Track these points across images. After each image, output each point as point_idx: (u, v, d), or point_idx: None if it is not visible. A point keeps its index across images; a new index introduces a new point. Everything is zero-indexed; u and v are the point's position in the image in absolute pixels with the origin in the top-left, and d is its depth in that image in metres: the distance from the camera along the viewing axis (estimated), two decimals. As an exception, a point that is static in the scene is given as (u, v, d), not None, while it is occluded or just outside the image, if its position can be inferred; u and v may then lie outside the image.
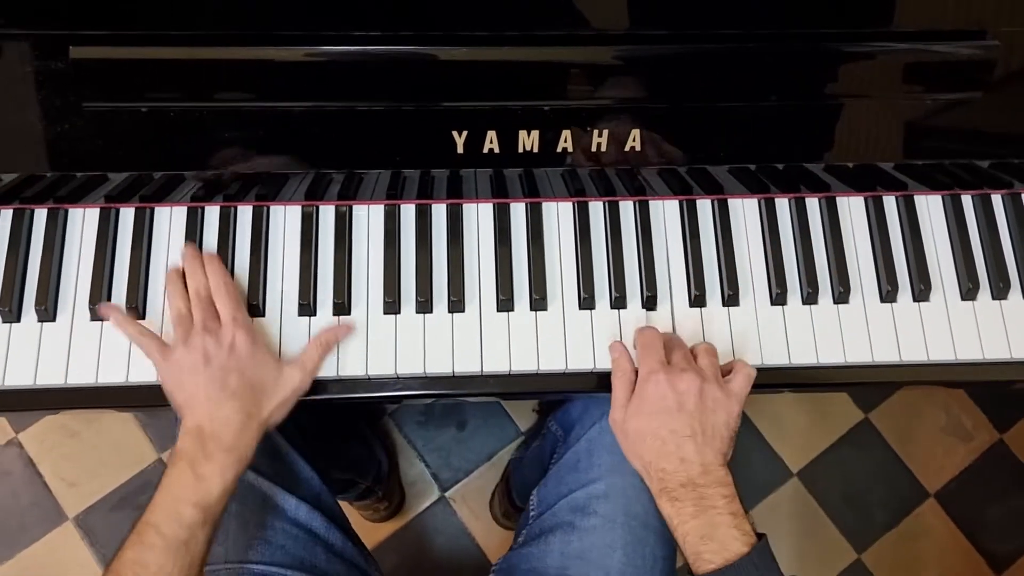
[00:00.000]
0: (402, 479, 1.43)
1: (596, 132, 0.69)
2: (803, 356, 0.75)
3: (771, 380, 0.76)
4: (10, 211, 0.74)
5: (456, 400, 0.79)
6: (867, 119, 0.74)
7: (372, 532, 1.38)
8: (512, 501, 1.30)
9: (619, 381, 0.71)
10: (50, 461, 1.43)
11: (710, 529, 0.63)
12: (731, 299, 0.76)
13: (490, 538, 1.41)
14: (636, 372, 0.71)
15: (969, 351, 0.75)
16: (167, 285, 0.73)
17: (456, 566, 1.40)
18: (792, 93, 0.71)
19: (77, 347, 0.72)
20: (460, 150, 0.70)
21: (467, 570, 1.40)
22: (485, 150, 0.70)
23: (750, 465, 1.47)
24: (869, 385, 0.78)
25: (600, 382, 0.75)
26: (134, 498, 1.41)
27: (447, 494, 1.43)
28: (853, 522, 1.46)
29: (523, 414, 1.46)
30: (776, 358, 0.75)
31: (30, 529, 1.40)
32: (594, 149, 0.70)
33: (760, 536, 0.64)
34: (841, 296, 0.76)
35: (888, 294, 0.76)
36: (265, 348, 0.70)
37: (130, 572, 0.61)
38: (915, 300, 0.77)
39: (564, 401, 0.97)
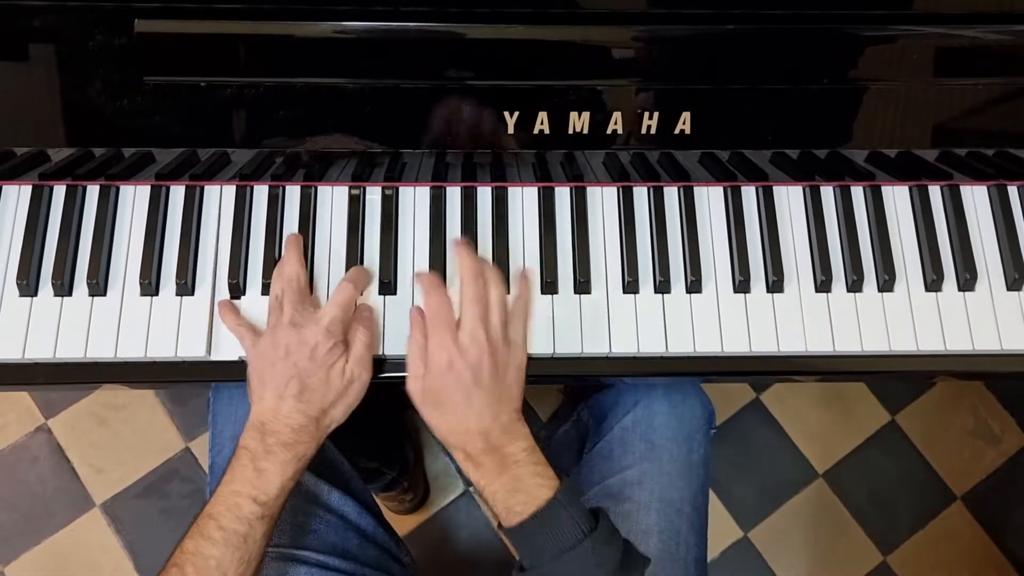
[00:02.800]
0: (427, 472, 1.43)
1: (647, 114, 0.70)
2: (847, 344, 0.75)
3: (814, 368, 0.76)
4: (63, 187, 0.75)
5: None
6: (910, 105, 0.73)
7: (396, 524, 1.38)
8: None
9: (410, 351, 0.68)
10: (78, 448, 1.44)
11: (516, 483, 0.64)
12: (775, 285, 0.76)
13: (514, 532, 1.41)
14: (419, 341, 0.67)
15: (1017, 341, 0.74)
16: (276, 269, 0.72)
17: (479, 560, 1.40)
18: (841, 76, 0.71)
19: (127, 321, 0.72)
20: (510, 131, 0.70)
21: (490, 564, 1.40)
22: (536, 131, 0.70)
23: (776, 465, 1.47)
24: (911, 374, 0.78)
25: (642, 367, 0.75)
26: (161, 486, 1.42)
27: (471, 488, 1.43)
28: (879, 524, 1.45)
29: (545, 406, 1.46)
30: (820, 346, 0.74)
31: (57, 515, 1.41)
32: (643, 132, 0.71)
33: (563, 478, 0.65)
34: (886, 284, 0.76)
35: (933, 283, 0.76)
36: (341, 355, 0.68)
37: (190, 565, 0.62)
38: (960, 290, 0.76)
39: (594, 390, 0.97)
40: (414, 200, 0.78)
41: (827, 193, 0.79)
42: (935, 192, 0.80)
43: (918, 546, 1.44)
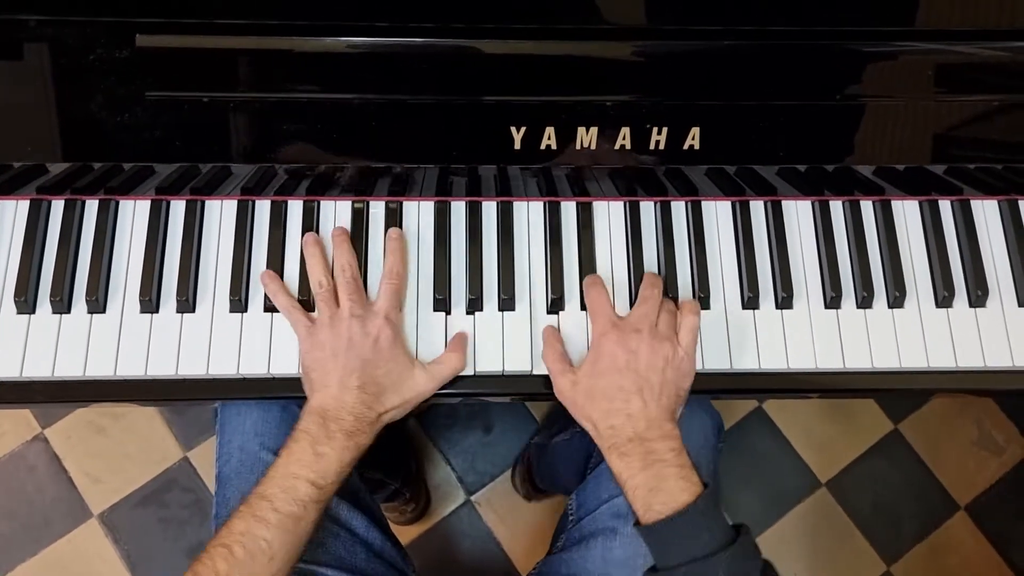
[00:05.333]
0: (427, 482, 1.42)
1: (656, 130, 0.69)
2: (858, 361, 0.74)
3: (823, 385, 0.75)
4: (62, 202, 0.74)
5: (509, 400, 0.79)
6: (919, 121, 0.73)
7: (398, 535, 1.37)
8: (534, 484, 1.30)
9: (549, 354, 0.71)
10: (75, 457, 1.43)
11: (658, 481, 0.63)
12: (785, 302, 0.75)
13: (516, 542, 1.40)
14: (559, 346, 0.72)
15: (1028, 358, 0.74)
16: (306, 251, 0.73)
17: (481, 570, 1.39)
18: (850, 92, 0.70)
19: (127, 339, 0.71)
20: (517, 146, 0.69)
21: (492, 574, 1.39)
22: (543, 146, 0.69)
23: (779, 474, 1.46)
24: (922, 392, 0.77)
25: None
26: (159, 495, 1.41)
27: (473, 498, 1.42)
28: (882, 534, 1.44)
29: (538, 409, 1.45)
30: (830, 362, 0.74)
31: (54, 525, 1.40)
32: (652, 147, 0.70)
33: (707, 485, 0.64)
34: (896, 300, 0.75)
35: (944, 299, 0.75)
36: (403, 347, 0.71)
37: (239, 546, 0.61)
38: (971, 306, 0.76)
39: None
40: (418, 214, 0.77)
41: (836, 208, 0.78)
42: (945, 207, 0.79)
43: (921, 556, 1.43)
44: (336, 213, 0.76)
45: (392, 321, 0.70)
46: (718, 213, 0.78)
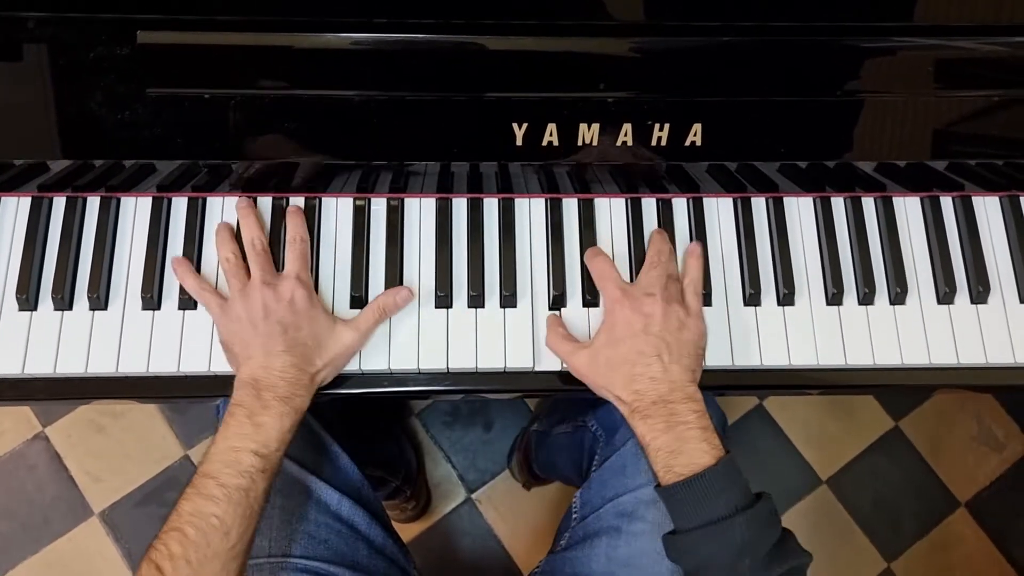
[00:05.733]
0: (428, 480, 1.42)
1: (657, 126, 0.69)
2: (859, 357, 0.74)
3: (824, 381, 0.75)
4: (63, 199, 0.74)
5: (509, 397, 0.79)
6: (920, 117, 0.73)
7: (399, 532, 1.37)
8: (532, 471, 1.30)
9: (554, 338, 0.72)
10: (76, 456, 1.42)
11: (680, 444, 0.64)
12: (786, 298, 0.75)
13: (517, 540, 1.40)
14: (562, 329, 0.72)
15: (1029, 354, 0.74)
16: (216, 234, 0.73)
17: (482, 568, 1.39)
18: (851, 88, 0.70)
19: (129, 336, 0.71)
20: (519, 143, 0.69)
21: (493, 572, 1.39)
22: (544, 143, 0.69)
23: (779, 471, 1.46)
24: (924, 388, 0.77)
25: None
26: (160, 494, 1.41)
27: (473, 495, 1.42)
28: (883, 530, 1.44)
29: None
30: (832, 359, 0.74)
31: (55, 523, 1.40)
32: (654, 143, 0.70)
33: (728, 451, 0.65)
34: (898, 297, 0.75)
35: (946, 296, 0.75)
36: (321, 306, 0.71)
37: (190, 527, 0.60)
38: (973, 302, 0.76)
39: (603, 402, 0.96)
40: (420, 211, 0.77)
41: (838, 204, 0.78)
42: (947, 203, 0.79)
43: (922, 553, 1.43)
44: (337, 210, 0.76)
45: (304, 281, 0.70)
46: (720, 210, 0.78)
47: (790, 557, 0.63)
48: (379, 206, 0.76)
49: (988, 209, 0.79)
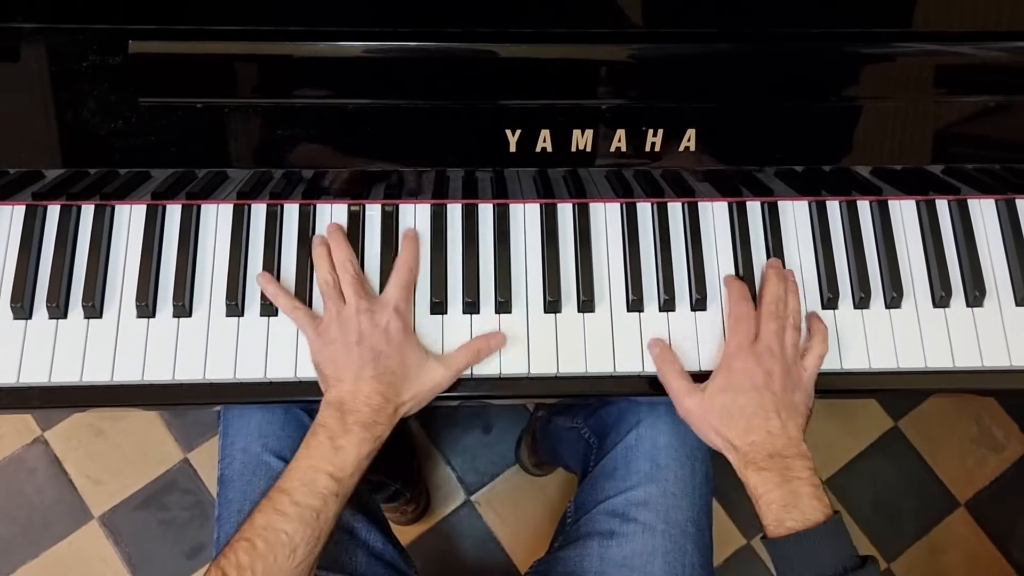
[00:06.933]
0: (427, 483, 1.42)
1: (651, 131, 0.68)
2: (855, 362, 0.74)
3: (823, 386, 0.74)
4: (57, 207, 0.74)
5: (506, 403, 0.79)
6: (916, 121, 0.73)
7: (398, 535, 1.37)
8: (539, 456, 1.30)
9: (670, 373, 0.71)
10: (75, 459, 1.43)
11: (793, 499, 0.64)
12: (782, 303, 0.75)
13: (516, 542, 1.40)
14: (678, 363, 0.71)
15: (1025, 358, 0.74)
16: (313, 252, 0.73)
17: (482, 570, 1.40)
18: (846, 94, 0.70)
19: (124, 344, 0.71)
20: (512, 149, 0.69)
21: (493, 574, 1.39)
22: (538, 149, 0.69)
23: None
24: (919, 391, 0.77)
25: (649, 385, 0.74)
26: (159, 497, 1.41)
27: (473, 498, 1.42)
28: (882, 531, 1.44)
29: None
30: (827, 363, 0.73)
31: (54, 527, 1.40)
32: (647, 149, 0.70)
33: (836, 512, 0.65)
34: (894, 301, 0.75)
35: (942, 299, 0.75)
36: (416, 338, 0.71)
37: (260, 539, 0.61)
38: (969, 306, 0.75)
39: (595, 408, 0.96)
40: (415, 217, 0.77)
41: (833, 208, 0.78)
42: (943, 206, 0.79)
43: (921, 553, 1.44)
44: (332, 216, 0.76)
45: (401, 312, 0.70)
46: (715, 214, 0.78)
47: None
48: (374, 212, 0.76)
49: (984, 212, 0.78)
